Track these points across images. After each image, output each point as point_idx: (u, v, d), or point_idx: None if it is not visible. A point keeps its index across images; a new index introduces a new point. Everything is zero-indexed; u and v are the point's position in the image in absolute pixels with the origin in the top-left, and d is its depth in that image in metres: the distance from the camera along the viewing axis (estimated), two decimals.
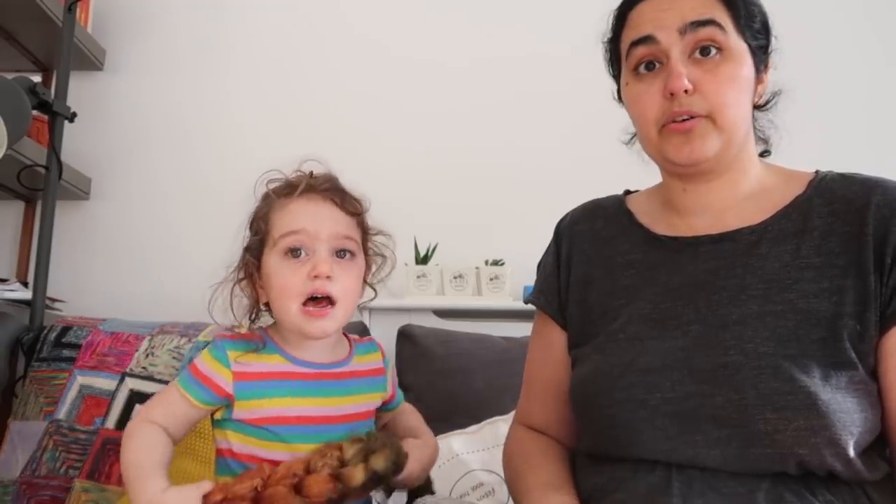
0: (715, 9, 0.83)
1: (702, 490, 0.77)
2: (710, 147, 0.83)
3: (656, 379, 0.82)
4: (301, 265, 0.85)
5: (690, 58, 0.83)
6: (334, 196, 0.89)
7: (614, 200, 1.02)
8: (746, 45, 0.84)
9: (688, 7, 0.83)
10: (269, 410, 0.86)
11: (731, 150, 0.85)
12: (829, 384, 0.76)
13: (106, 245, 2.04)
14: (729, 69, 0.82)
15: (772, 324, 0.80)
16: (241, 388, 0.85)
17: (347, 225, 0.89)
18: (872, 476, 0.78)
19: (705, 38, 0.82)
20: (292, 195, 0.88)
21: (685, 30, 0.82)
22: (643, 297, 0.90)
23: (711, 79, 0.82)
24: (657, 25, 0.84)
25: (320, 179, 0.91)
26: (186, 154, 2.09)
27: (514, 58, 2.06)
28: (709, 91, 0.81)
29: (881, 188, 0.84)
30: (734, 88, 0.83)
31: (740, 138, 0.86)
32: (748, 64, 0.84)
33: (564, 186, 1.58)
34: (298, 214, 0.87)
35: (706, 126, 0.82)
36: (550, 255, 1.04)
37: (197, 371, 0.87)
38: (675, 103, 0.82)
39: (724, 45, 0.82)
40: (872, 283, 0.80)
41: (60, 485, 1.36)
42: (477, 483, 1.33)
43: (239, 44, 2.15)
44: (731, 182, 0.89)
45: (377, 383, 0.95)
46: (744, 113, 0.85)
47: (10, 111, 1.48)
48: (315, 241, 0.86)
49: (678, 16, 0.83)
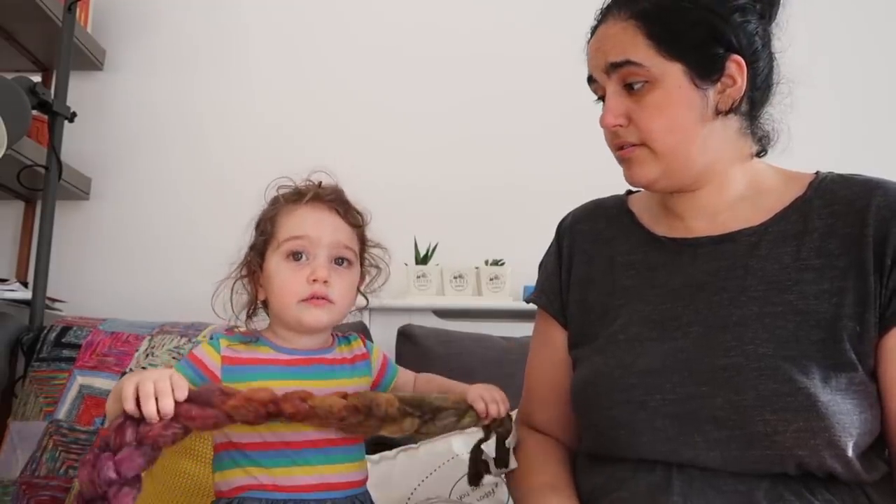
0: (632, 45, 0.83)
1: (702, 488, 0.77)
2: (648, 172, 0.86)
3: (656, 380, 0.82)
4: (301, 268, 0.90)
5: (625, 89, 0.85)
6: (338, 207, 0.95)
7: (616, 200, 1.02)
8: (680, 63, 0.82)
9: (609, 46, 0.85)
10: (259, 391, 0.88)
11: (683, 170, 0.86)
12: (828, 386, 0.76)
13: (106, 245, 2.04)
14: (656, 97, 0.83)
15: (772, 325, 0.80)
16: (227, 371, 0.89)
17: (348, 235, 0.95)
18: (871, 477, 0.79)
19: (627, 76, 0.84)
20: (300, 202, 0.94)
21: (608, 70, 0.85)
22: (643, 298, 0.90)
23: (639, 110, 0.84)
24: (593, 66, 0.88)
25: (327, 190, 0.96)
26: (186, 154, 2.09)
27: (514, 58, 2.06)
28: (638, 121, 0.84)
29: (881, 189, 0.84)
30: (663, 115, 0.83)
31: (689, 158, 0.85)
32: (681, 84, 0.83)
33: (564, 186, 1.58)
34: (303, 220, 0.92)
35: (642, 153, 0.86)
36: (552, 254, 1.04)
37: (191, 355, 0.92)
38: (615, 136, 0.87)
39: (646, 76, 0.83)
40: (872, 284, 0.80)
41: (60, 485, 1.36)
42: None
43: (239, 44, 2.15)
44: (713, 190, 0.89)
45: (361, 368, 0.97)
46: (684, 133, 0.84)
47: (10, 111, 1.48)
48: (316, 246, 0.91)
49: (602, 57, 0.86)
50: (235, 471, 0.87)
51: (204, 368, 0.89)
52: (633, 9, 0.84)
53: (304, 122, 2.07)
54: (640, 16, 0.83)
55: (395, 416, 0.82)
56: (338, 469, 0.88)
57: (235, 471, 0.87)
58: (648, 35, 0.83)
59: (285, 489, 0.85)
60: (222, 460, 0.89)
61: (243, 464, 0.86)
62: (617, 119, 0.85)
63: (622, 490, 0.81)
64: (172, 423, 0.74)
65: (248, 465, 0.86)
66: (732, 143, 0.88)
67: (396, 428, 0.83)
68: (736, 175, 0.89)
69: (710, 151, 0.86)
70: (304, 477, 0.86)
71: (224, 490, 0.88)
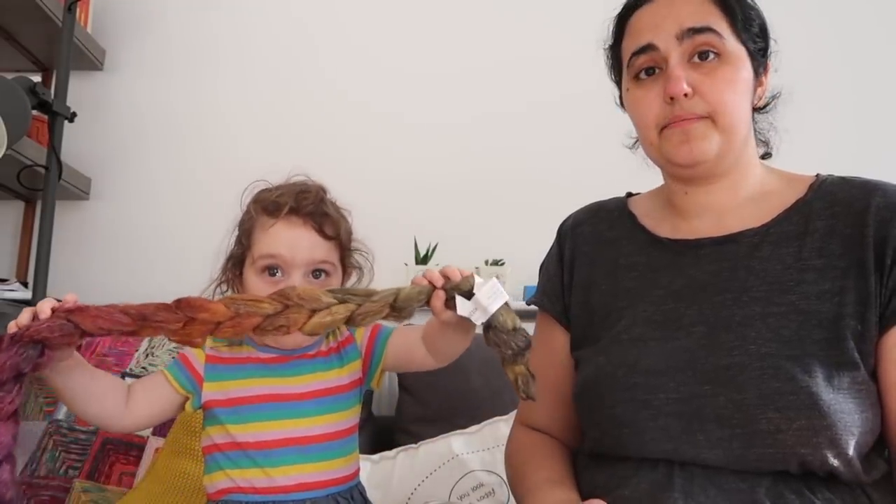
0: (712, 15, 0.84)
1: (703, 486, 0.77)
2: (709, 147, 0.84)
3: (660, 380, 0.82)
4: (276, 284, 0.88)
5: (689, 62, 0.84)
6: (314, 220, 0.92)
7: (617, 202, 1.02)
8: (745, 49, 0.85)
9: (685, 13, 0.84)
10: (234, 391, 0.90)
11: (732, 152, 0.86)
12: (831, 385, 0.76)
13: (106, 245, 2.04)
14: (727, 72, 0.83)
15: (774, 325, 0.80)
16: (210, 368, 0.91)
17: (325, 250, 0.93)
18: (872, 476, 0.79)
19: (703, 44, 0.83)
20: (275, 216, 0.91)
21: (683, 36, 0.83)
22: (646, 299, 0.90)
23: (710, 81, 0.83)
24: (656, 32, 0.85)
25: (307, 200, 0.93)
26: (186, 154, 2.09)
27: (514, 60, 2.06)
28: (707, 93, 0.83)
29: (881, 191, 0.84)
30: (732, 91, 0.83)
31: (740, 140, 0.86)
32: (746, 67, 0.85)
33: (564, 186, 1.58)
34: (277, 239, 0.90)
35: (706, 126, 0.83)
36: (553, 256, 1.04)
37: (181, 354, 0.94)
38: (677, 107, 0.83)
39: (721, 49, 0.83)
40: (873, 283, 0.80)
41: (60, 485, 1.36)
42: (477, 483, 1.33)
43: (238, 44, 2.15)
44: (731, 185, 0.89)
45: (349, 353, 0.96)
46: (743, 115, 0.85)
47: (10, 111, 1.48)
48: (290, 265, 0.90)
49: (676, 22, 0.84)
50: (217, 474, 0.88)
51: (189, 366, 0.91)
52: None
53: (305, 122, 2.07)
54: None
55: (317, 297, 0.75)
56: (317, 468, 0.87)
57: (217, 474, 0.88)
58: (724, 10, 0.84)
59: (262, 491, 0.86)
60: (207, 463, 0.91)
61: (224, 466, 0.88)
62: (687, 87, 0.82)
63: (624, 488, 0.81)
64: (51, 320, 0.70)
65: (228, 468, 0.87)
66: (753, 140, 0.90)
67: (327, 314, 0.75)
68: (751, 174, 0.90)
69: (748, 142, 0.88)
70: (281, 478, 0.86)
71: (211, 492, 0.89)
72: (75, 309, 0.72)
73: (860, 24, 2.05)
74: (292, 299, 0.74)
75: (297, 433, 0.88)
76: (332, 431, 0.90)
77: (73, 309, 0.72)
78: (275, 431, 0.87)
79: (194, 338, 0.73)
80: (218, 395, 0.90)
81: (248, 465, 0.86)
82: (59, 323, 0.71)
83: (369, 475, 1.35)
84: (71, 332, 0.71)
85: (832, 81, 1.97)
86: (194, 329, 0.73)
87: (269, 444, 0.87)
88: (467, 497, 1.32)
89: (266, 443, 0.87)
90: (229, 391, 0.90)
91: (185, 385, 0.90)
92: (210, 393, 0.90)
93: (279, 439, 0.87)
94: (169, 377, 0.90)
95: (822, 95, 1.88)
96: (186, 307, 0.73)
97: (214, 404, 0.90)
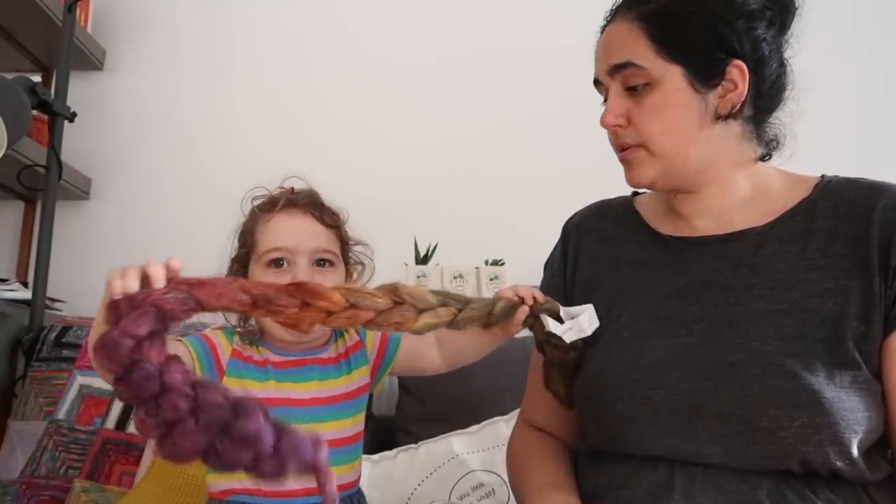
0: (636, 42, 0.84)
1: (704, 487, 0.77)
2: (646, 174, 0.87)
3: (661, 376, 0.83)
4: (283, 275, 0.90)
5: (626, 91, 0.86)
6: (313, 210, 0.95)
7: (622, 201, 1.03)
8: (680, 67, 0.83)
9: (612, 47, 0.87)
10: (252, 391, 0.88)
11: (680, 173, 0.86)
12: (832, 382, 0.76)
13: (106, 245, 2.04)
14: (655, 99, 0.84)
15: (777, 322, 0.80)
16: (233, 364, 0.90)
17: (327, 238, 0.95)
18: (874, 476, 0.79)
19: (628, 77, 0.85)
20: (273, 210, 0.94)
21: (612, 72, 0.86)
22: (649, 296, 0.90)
23: (638, 110, 0.85)
24: (598, 68, 0.89)
25: (301, 195, 0.96)
26: (187, 154, 2.09)
27: (515, 56, 2.06)
28: (637, 123, 0.85)
29: (887, 192, 0.84)
30: (661, 117, 0.84)
31: (688, 161, 0.85)
32: (680, 87, 0.83)
33: (564, 186, 1.58)
34: (280, 230, 0.93)
35: (642, 154, 0.86)
36: (557, 253, 1.04)
37: (204, 335, 0.92)
38: (615, 136, 0.88)
39: (647, 77, 0.84)
40: (877, 284, 0.80)
41: (60, 485, 1.36)
42: (477, 483, 1.33)
43: (240, 43, 2.14)
44: (715, 192, 0.89)
45: (358, 359, 0.97)
46: (682, 137, 0.84)
47: (10, 111, 1.48)
48: (295, 254, 0.91)
49: (606, 59, 0.87)
50: (225, 472, 0.86)
51: (214, 353, 0.90)
52: (641, 10, 0.85)
53: (305, 122, 2.07)
54: (646, 17, 0.84)
55: (425, 297, 0.75)
56: None
57: (225, 472, 0.86)
58: (651, 37, 0.84)
59: (270, 494, 0.85)
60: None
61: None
62: (617, 119, 0.86)
63: (625, 489, 0.81)
64: (171, 289, 0.66)
65: None
66: (733, 147, 0.87)
67: (434, 315, 0.76)
68: (738, 179, 0.89)
69: (708, 154, 0.86)
70: (289, 482, 0.85)
71: (214, 492, 0.88)
72: (195, 283, 0.67)
73: (858, 25, 2.05)
74: (403, 297, 0.74)
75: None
76: (340, 437, 0.90)
77: (193, 283, 0.67)
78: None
79: (304, 324, 0.70)
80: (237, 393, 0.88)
81: None
82: (183, 297, 0.66)
83: (369, 475, 1.36)
84: (192, 308, 0.67)
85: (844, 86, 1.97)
86: (307, 315, 0.70)
87: None
88: (467, 497, 1.32)
89: None
90: (248, 391, 0.88)
91: (204, 368, 0.89)
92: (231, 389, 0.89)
93: None
94: (192, 353, 0.89)
95: (834, 99, 1.88)
96: (305, 293, 0.69)
97: None
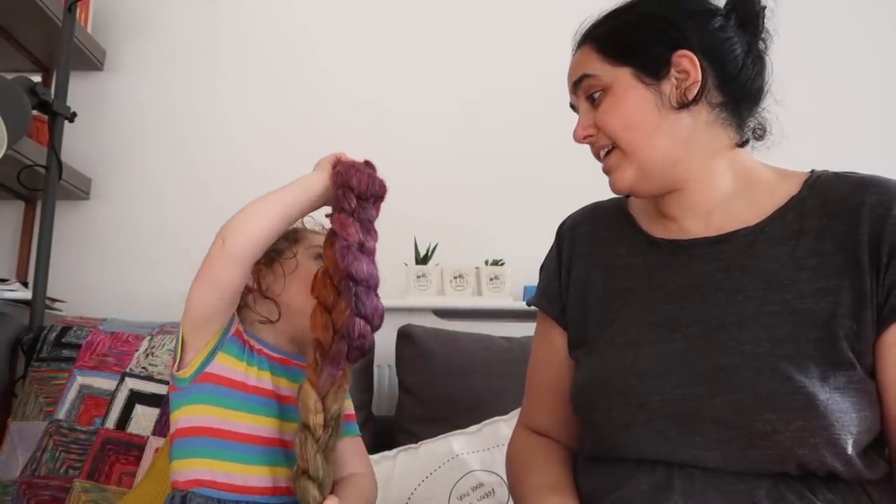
0: (588, 57, 0.91)
1: (703, 488, 0.77)
2: (624, 177, 0.90)
3: (655, 382, 0.82)
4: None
5: (590, 103, 0.92)
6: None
7: (615, 203, 1.03)
8: (627, 68, 0.88)
9: (573, 71, 0.94)
10: (240, 374, 0.89)
11: (655, 168, 0.88)
12: (826, 384, 0.76)
13: (106, 245, 2.04)
14: (609, 102, 0.89)
15: (769, 324, 0.80)
16: (232, 342, 0.90)
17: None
18: (872, 475, 0.79)
19: (587, 89, 0.91)
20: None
21: (575, 90, 0.93)
22: (642, 300, 0.90)
23: (600, 116, 0.90)
24: (569, 92, 0.96)
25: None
26: (186, 154, 2.09)
27: (514, 58, 2.06)
28: (603, 125, 0.90)
29: (875, 187, 0.84)
30: (619, 115, 0.88)
31: (657, 150, 0.87)
32: (629, 85, 0.88)
33: (564, 186, 1.58)
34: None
35: (617, 157, 0.90)
36: (552, 257, 1.04)
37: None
38: (592, 146, 0.93)
39: (600, 85, 0.90)
40: (868, 282, 0.80)
41: (60, 485, 1.36)
42: (477, 483, 1.33)
43: (239, 44, 2.15)
44: (700, 187, 0.90)
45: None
46: (644, 128, 0.87)
47: (10, 111, 1.48)
48: None
49: (569, 81, 0.94)
50: (193, 461, 0.86)
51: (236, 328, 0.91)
52: (593, 34, 0.92)
53: (304, 122, 2.07)
54: (596, 38, 0.91)
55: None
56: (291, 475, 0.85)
57: (193, 461, 0.86)
58: (599, 50, 0.90)
59: (237, 489, 0.84)
60: (181, 447, 0.88)
61: (203, 454, 0.85)
62: (585, 130, 0.91)
63: (623, 490, 0.81)
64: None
65: (208, 457, 0.85)
66: (703, 132, 0.88)
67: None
68: (719, 168, 0.90)
69: (677, 142, 0.87)
70: (258, 478, 0.85)
71: (180, 481, 0.86)
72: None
73: (849, 23, 2.05)
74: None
75: (286, 436, 0.87)
76: None
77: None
78: (266, 428, 0.87)
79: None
80: (226, 372, 0.88)
81: (230, 459, 0.84)
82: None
83: None
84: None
85: (832, 78, 1.97)
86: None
87: (255, 440, 0.86)
88: (467, 497, 1.32)
89: (254, 437, 0.86)
90: (237, 371, 0.88)
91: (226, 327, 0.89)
92: (220, 365, 0.88)
93: (268, 437, 0.87)
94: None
95: (811, 93, 1.88)
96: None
97: (217, 380, 0.87)
